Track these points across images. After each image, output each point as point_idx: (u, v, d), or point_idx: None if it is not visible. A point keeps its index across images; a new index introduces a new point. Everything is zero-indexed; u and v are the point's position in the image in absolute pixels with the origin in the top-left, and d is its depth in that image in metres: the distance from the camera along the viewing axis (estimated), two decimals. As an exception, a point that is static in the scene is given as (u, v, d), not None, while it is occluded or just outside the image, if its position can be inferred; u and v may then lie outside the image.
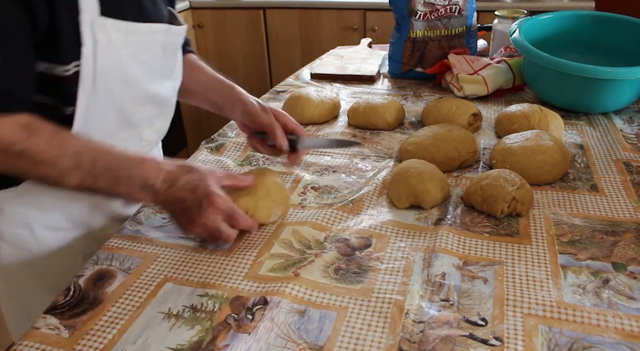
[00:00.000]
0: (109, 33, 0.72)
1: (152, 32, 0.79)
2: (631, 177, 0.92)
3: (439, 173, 0.88)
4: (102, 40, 0.72)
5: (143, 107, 0.84)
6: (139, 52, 0.78)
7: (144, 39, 0.78)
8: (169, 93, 0.90)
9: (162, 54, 0.84)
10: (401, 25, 1.40)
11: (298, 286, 0.69)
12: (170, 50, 0.85)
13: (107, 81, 0.75)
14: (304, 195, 0.91)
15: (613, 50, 1.28)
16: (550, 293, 0.66)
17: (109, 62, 0.74)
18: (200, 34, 2.97)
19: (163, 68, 0.86)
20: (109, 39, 0.73)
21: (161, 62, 0.84)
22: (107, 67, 0.74)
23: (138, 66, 0.79)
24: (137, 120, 0.85)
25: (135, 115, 0.83)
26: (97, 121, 0.77)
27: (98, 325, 0.64)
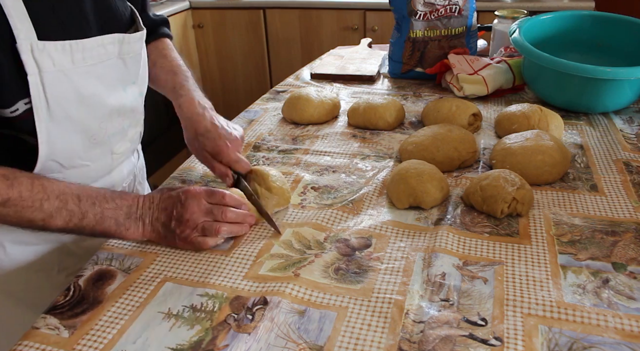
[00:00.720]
0: (52, 56, 0.69)
1: (102, 45, 0.76)
2: (631, 177, 0.92)
3: (439, 173, 0.88)
4: (47, 65, 0.68)
5: (109, 123, 0.81)
6: (92, 68, 0.75)
7: (94, 54, 0.75)
8: (135, 100, 0.87)
9: (121, 63, 0.80)
10: (401, 25, 1.40)
11: (298, 286, 0.69)
12: (129, 58, 0.82)
13: (63, 106, 0.72)
14: (304, 195, 0.91)
15: (613, 50, 1.29)
16: (550, 293, 0.66)
17: (59, 86, 0.71)
18: (200, 34, 2.97)
19: (124, 77, 0.83)
20: (54, 62, 0.69)
21: (121, 72, 0.81)
22: (59, 92, 0.71)
23: (94, 82, 0.76)
24: (106, 136, 0.82)
25: (102, 132, 0.81)
26: (62, 147, 0.75)
27: (98, 325, 0.64)
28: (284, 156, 1.06)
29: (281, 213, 0.86)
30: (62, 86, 0.71)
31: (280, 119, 1.23)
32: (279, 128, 1.18)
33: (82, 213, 0.70)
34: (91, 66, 0.75)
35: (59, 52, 0.70)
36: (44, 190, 0.68)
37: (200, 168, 1.02)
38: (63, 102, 0.72)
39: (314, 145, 1.10)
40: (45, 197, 0.68)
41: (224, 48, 2.98)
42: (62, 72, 0.71)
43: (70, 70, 0.72)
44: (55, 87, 0.70)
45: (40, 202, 0.68)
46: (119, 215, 0.73)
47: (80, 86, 0.74)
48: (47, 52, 0.68)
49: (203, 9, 2.88)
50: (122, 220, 0.73)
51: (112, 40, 0.77)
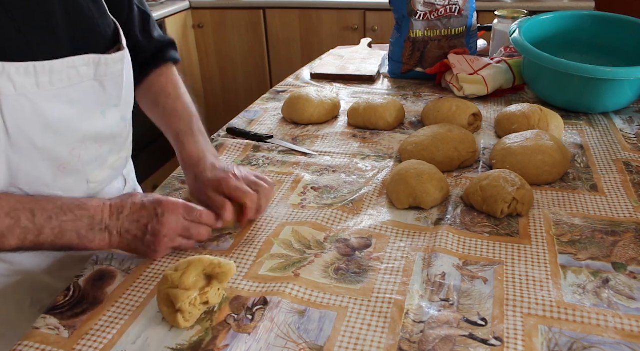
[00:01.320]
0: (12, 79, 0.62)
1: (74, 67, 0.68)
2: (631, 177, 0.92)
3: (438, 173, 0.88)
4: (6, 88, 0.62)
5: (83, 150, 0.74)
6: (62, 92, 0.68)
7: (64, 77, 0.67)
8: (116, 125, 0.79)
9: (98, 86, 0.73)
10: (401, 25, 1.40)
11: (298, 286, 0.69)
12: (108, 80, 0.74)
13: (26, 133, 0.65)
14: (303, 195, 0.91)
15: (613, 50, 1.29)
16: (550, 293, 0.66)
17: (21, 112, 0.64)
18: (200, 34, 2.97)
19: (102, 100, 0.75)
20: (14, 85, 0.62)
21: (98, 95, 0.74)
22: (21, 118, 0.64)
23: (64, 107, 0.69)
24: (79, 164, 0.75)
25: (74, 159, 0.73)
26: (26, 176, 0.69)
27: (98, 325, 0.64)
28: (284, 156, 1.06)
29: (281, 213, 0.86)
30: (24, 111, 0.64)
31: (280, 119, 1.23)
32: (279, 128, 1.18)
33: (38, 229, 0.64)
34: (60, 90, 0.68)
35: (21, 74, 0.62)
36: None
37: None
38: (25, 128, 0.65)
39: (314, 145, 1.10)
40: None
41: (224, 48, 2.98)
42: (24, 96, 0.63)
43: (35, 94, 0.65)
44: (16, 112, 0.63)
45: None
46: (80, 227, 0.67)
47: (47, 112, 0.66)
48: (7, 74, 0.61)
49: (203, 9, 2.88)
50: (85, 232, 0.67)
51: (85, 61, 0.70)
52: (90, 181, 0.79)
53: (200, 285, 0.64)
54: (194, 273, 0.64)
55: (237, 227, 0.82)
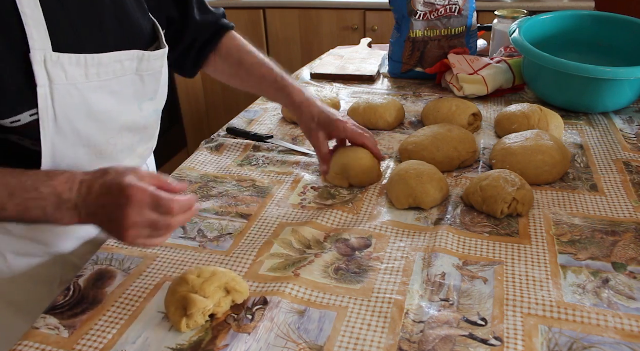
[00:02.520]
0: (65, 69, 0.66)
1: (119, 61, 0.73)
2: (631, 177, 0.92)
3: (438, 174, 0.88)
4: (59, 77, 0.66)
5: (119, 139, 0.78)
6: (106, 84, 0.72)
7: (110, 70, 0.72)
8: (150, 117, 0.84)
9: (139, 80, 0.77)
10: (401, 25, 1.39)
11: (298, 286, 0.69)
12: (148, 75, 0.78)
13: (71, 120, 0.69)
14: (304, 195, 0.91)
15: (613, 50, 1.28)
16: (550, 293, 0.66)
17: (69, 100, 0.68)
18: (200, 34, 2.96)
19: (141, 93, 0.79)
20: (66, 75, 0.66)
21: (138, 89, 0.78)
22: (69, 106, 0.68)
23: (107, 98, 0.73)
24: (114, 152, 0.78)
25: (110, 147, 0.77)
26: (66, 159, 0.72)
27: (98, 325, 0.64)
28: (284, 156, 1.05)
29: (281, 213, 0.86)
30: (73, 100, 0.68)
31: (280, 119, 1.23)
32: (279, 128, 1.18)
33: (1, 205, 0.62)
34: (105, 81, 0.72)
35: (73, 65, 0.67)
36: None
37: (200, 169, 1.02)
38: (72, 116, 0.69)
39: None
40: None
41: (224, 48, 2.97)
42: (74, 85, 0.68)
43: (83, 85, 0.69)
44: (65, 100, 0.67)
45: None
46: (46, 205, 0.63)
47: (92, 101, 0.71)
48: (61, 65, 0.66)
49: (203, 9, 2.87)
50: (52, 210, 0.63)
51: (130, 56, 0.74)
52: None
53: (218, 297, 0.64)
54: (216, 283, 0.64)
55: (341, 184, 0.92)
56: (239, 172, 1.00)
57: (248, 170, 1.01)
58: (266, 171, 1.00)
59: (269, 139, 1.12)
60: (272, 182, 0.96)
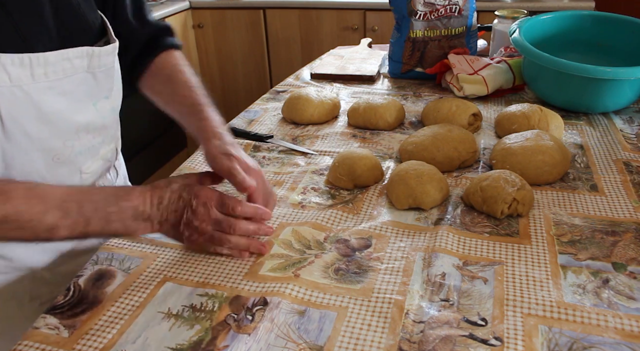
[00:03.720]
0: (7, 70, 0.63)
1: (67, 58, 0.70)
2: (631, 177, 0.92)
3: (438, 174, 0.88)
4: (1, 80, 0.63)
5: (76, 141, 0.76)
6: (56, 84, 0.69)
7: (58, 69, 0.69)
8: (107, 117, 0.81)
9: (91, 78, 0.75)
10: (401, 25, 1.40)
11: (298, 286, 0.69)
12: (100, 72, 0.76)
13: (20, 123, 0.67)
14: (303, 195, 0.91)
15: (613, 50, 1.28)
16: (550, 293, 0.66)
17: (15, 102, 0.65)
18: (200, 34, 2.97)
19: (94, 92, 0.77)
20: (9, 76, 0.64)
21: (90, 87, 0.76)
22: (15, 109, 0.65)
23: (58, 98, 0.70)
24: (72, 155, 0.77)
25: (67, 150, 0.75)
26: (20, 167, 0.70)
27: (98, 325, 0.64)
28: (284, 156, 1.05)
29: (281, 213, 0.86)
30: (19, 103, 0.65)
31: (280, 119, 1.23)
32: (279, 128, 1.18)
33: (86, 220, 0.66)
34: (54, 81, 0.69)
35: (16, 65, 0.64)
36: (42, 201, 0.63)
37: (200, 169, 1.02)
38: (20, 119, 0.66)
39: (314, 145, 1.10)
40: (45, 209, 0.63)
41: (224, 48, 2.98)
42: (19, 87, 0.65)
43: (29, 86, 0.66)
44: (10, 103, 0.65)
45: (40, 215, 0.62)
46: (125, 218, 0.69)
47: (41, 103, 0.68)
48: (2, 66, 0.63)
49: (203, 9, 2.88)
50: (130, 222, 0.69)
51: (79, 53, 0.71)
52: (83, 172, 0.81)
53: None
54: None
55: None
56: (239, 171, 1.00)
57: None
58: (266, 171, 1.00)
59: (269, 139, 1.12)
60: (272, 182, 0.96)
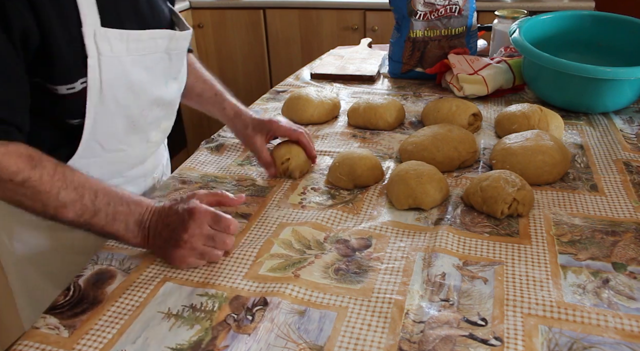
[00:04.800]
0: (111, 43, 0.73)
1: (153, 38, 0.80)
2: (631, 177, 0.92)
3: (438, 174, 0.88)
4: (105, 50, 0.73)
5: (150, 111, 0.85)
6: (142, 59, 0.79)
7: (145, 46, 0.79)
8: (174, 95, 0.91)
9: (167, 58, 0.84)
10: (401, 25, 1.39)
11: (298, 287, 0.69)
12: (174, 54, 0.86)
13: (114, 90, 0.76)
14: (303, 195, 0.91)
15: (613, 50, 1.28)
16: (550, 293, 0.66)
17: (113, 71, 0.75)
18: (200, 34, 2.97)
19: (168, 71, 0.87)
20: (112, 48, 0.74)
21: (166, 66, 0.85)
22: (113, 77, 0.75)
23: (142, 72, 0.80)
24: (144, 124, 0.86)
25: (142, 119, 0.85)
26: (105, 129, 0.79)
27: (98, 325, 0.64)
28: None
29: (281, 213, 0.86)
30: (116, 71, 0.75)
31: (280, 119, 1.23)
32: (279, 128, 1.18)
33: (95, 210, 0.70)
34: (142, 56, 0.79)
35: (117, 39, 0.74)
36: (64, 178, 0.69)
37: (200, 169, 1.02)
38: (114, 86, 0.76)
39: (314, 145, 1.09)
40: (63, 186, 0.69)
41: (224, 48, 2.97)
42: (117, 58, 0.75)
43: (124, 58, 0.76)
44: (110, 71, 0.74)
45: (57, 190, 0.68)
46: (130, 220, 0.73)
47: (131, 73, 0.78)
48: (107, 39, 0.73)
49: (203, 9, 2.87)
50: (132, 226, 0.73)
51: (163, 35, 0.81)
52: (149, 140, 0.91)
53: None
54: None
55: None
56: (239, 171, 1.01)
57: (248, 170, 1.01)
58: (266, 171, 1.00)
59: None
60: (272, 182, 0.96)
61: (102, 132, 0.79)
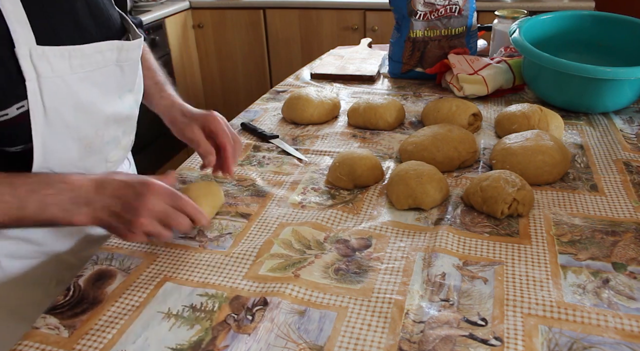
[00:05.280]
0: (50, 62, 0.67)
1: (100, 51, 0.74)
2: (631, 177, 0.92)
3: (438, 174, 0.88)
4: (45, 71, 0.67)
5: (106, 130, 0.80)
6: (89, 75, 0.74)
7: (92, 61, 0.73)
8: (131, 108, 0.86)
9: (119, 70, 0.79)
10: (401, 25, 1.40)
11: (298, 287, 0.69)
12: (127, 65, 0.80)
13: (61, 113, 0.71)
14: (303, 195, 0.91)
15: (613, 50, 1.28)
16: (550, 293, 0.66)
17: (57, 92, 0.69)
18: (200, 34, 2.97)
19: (121, 84, 0.81)
20: (52, 68, 0.68)
21: (118, 79, 0.80)
22: (57, 98, 0.69)
23: (92, 89, 0.74)
24: (101, 144, 0.80)
25: (98, 139, 0.79)
26: (57, 155, 0.73)
27: (98, 325, 0.64)
28: (284, 156, 1.05)
29: (281, 213, 0.86)
30: (60, 92, 0.70)
31: (280, 119, 1.23)
32: (279, 128, 1.18)
33: (21, 202, 0.64)
34: (89, 72, 0.73)
35: (57, 57, 0.68)
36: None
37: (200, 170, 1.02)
38: (60, 108, 0.70)
39: (314, 145, 1.10)
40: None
41: (224, 48, 2.98)
42: (60, 77, 0.69)
43: (69, 76, 0.70)
44: (53, 93, 0.69)
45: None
46: (63, 200, 0.66)
47: (78, 92, 0.72)
48: (46, 58, 0.67)
49: (203, 9, 2.88)
50: (68, 206, 0.66)
51: (110, 46, 0.76)
52: (108, 160, 0.85)
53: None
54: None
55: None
56: (239, 171, 1.01)
57: (248, 170, 1.01)
58: (266, 171, 1.00)
59: (272, 139, 1.12)
60: (272, 182, 0.96)
61: (54, 158, 0.73)
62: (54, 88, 0.69)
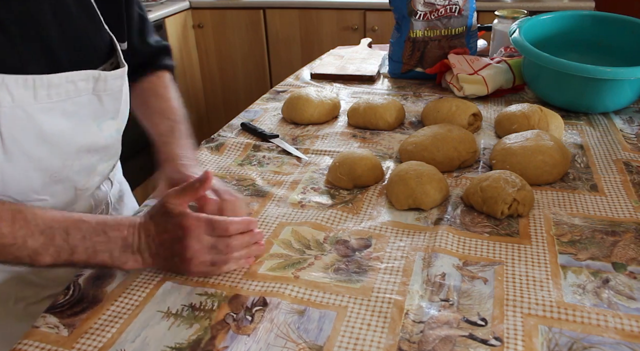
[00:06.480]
0: (11, 91, 0.63)
1: (72, 81, 0.70)
2: (631, 177, 0.92)
3: (438, 174, 0.88)
4: (4, 100, 0.63)
5: (76, 160, 0.75)
6: (58, 105, 0.69)
7: (62, 91, 0.69)
8: (111, 137, 0.81)
9: (96, 100, 0.74)
10: (401, 25, 1.40)
11: (297, 287, 0.69)
12: (106, 95, 0.75)
13: (20, 143, 0.67)
14: (303, 195, 0.91)
15: (613, 50, 1.28)
16: (550, 293, 0.66)
17: (17, 122, 0.65)
18: (200, 34, 2.97)
19: (99, 114, 0.76)
20: (12, 97, 0.64)
21: (96, 108, 0.75)
22: (16, 129, 0.65)
23: (59, 119, 0.70)
24: (70, 173, 0.76)
25: (66, 169, 0.75)
26: (16, 185, 0.69)
27: (97, 324, 0.64)
28: (284, 156, 1.05)
29: (281, 213, 0.86)
30: (20, 123, 0.66)
31: (280, 119, 1.23)
32: (279, 128, 1.18)
33: (71, 248, 0.64)
34: (57, 102, 0.69)
35: (19, 86, 0.64)
36: (27, 225, 0.62)
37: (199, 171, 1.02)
38: (21, 139, 0.66)
39: (314, 145, 1.10)
40: (28, 233, 0.62)
41: (224, 48, 2.97)
42: (21, 107, 0.65)
43: (31, 106, 0.66)
44: (12, 123, 0.65)
45: (23, 239, 0.62)
46: (113, 248, 0.67)
47: (43, 123, 0.68)
48: (6, 86, 0.63)
49: (203, 9, 2.88)
50: (118, 254, 0.67)
51: (84, 76, 0.71)
52: (78, 188, 0.80)
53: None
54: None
55: None
56: (239, 171, 1.00)
57: (248, 169, 1.01)
58: (266, 170, 1.00)
59: (272, 139, 1.12)
60: (272, 182, 0.96)
61: (13, 187, 0.69)
62: (13, 119, 0.65)
